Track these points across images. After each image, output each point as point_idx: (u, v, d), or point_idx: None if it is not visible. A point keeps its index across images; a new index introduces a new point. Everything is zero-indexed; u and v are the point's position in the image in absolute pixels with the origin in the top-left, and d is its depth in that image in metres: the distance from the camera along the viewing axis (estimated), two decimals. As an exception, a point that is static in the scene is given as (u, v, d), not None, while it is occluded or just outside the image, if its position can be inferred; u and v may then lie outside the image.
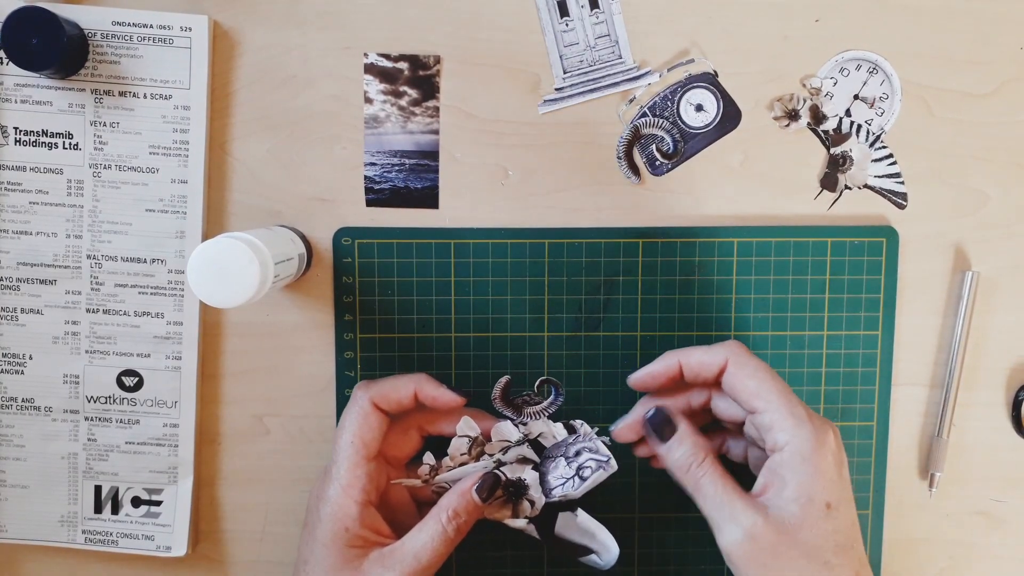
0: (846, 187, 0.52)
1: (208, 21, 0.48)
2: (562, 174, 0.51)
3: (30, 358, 0.50)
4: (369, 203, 0.51)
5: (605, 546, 0.47)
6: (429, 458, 0.46)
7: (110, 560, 0.52)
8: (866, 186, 0.52)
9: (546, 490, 0.45)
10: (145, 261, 0.49)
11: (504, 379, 0.47)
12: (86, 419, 0.50)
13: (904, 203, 0.52)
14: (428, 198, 0.51)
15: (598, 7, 0.50)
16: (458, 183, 0.51)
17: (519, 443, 0.46)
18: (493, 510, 0.45)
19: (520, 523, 0.45)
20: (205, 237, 0.50)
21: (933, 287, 0.53)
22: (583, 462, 0.44)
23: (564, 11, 0.50)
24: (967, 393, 0.53)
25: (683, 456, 0.43)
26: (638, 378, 0.47)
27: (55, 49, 0.45)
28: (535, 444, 0.46)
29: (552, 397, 0.47)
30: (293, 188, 0.50)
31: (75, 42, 0.46)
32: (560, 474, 0.45)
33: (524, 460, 0.46)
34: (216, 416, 0.51)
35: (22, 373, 0.50)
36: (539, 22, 0.50)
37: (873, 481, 0.53)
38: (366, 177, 0.51)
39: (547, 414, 0.47)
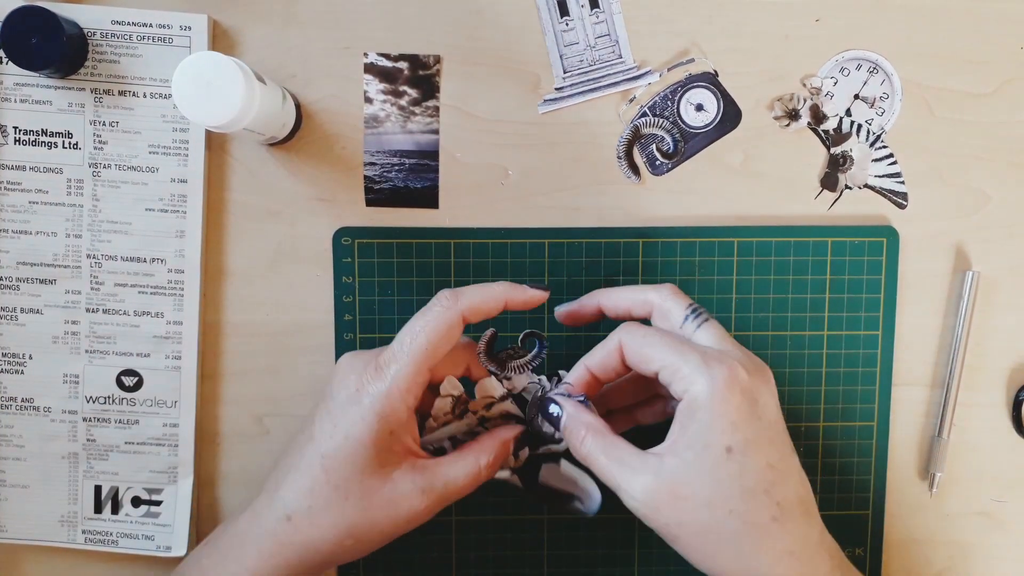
0: (846, 187, 0.52)
1: (208, 20, 0.48)
2: (562, 174, 0.51)
3: (30, 358, 0.50)
4: (369, 203, 0.51)
5: (588, 493, 0.46)
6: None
7: (110, 560, 0.52)
8: (866, 186, 0.52)
9: (533, 444, 0.45)
10: (145, 261, 0.49)
11: (489, 331, 0.45)
12: (85, 419, 0.50)
13: (904, 203, 0.52)
14: (428, 198, 0.51)
15: (598, 7, 0.50)
16: (458, 183, 0.51)
17: (502, 399, 0.45)
18: None
19: (504, 474, 0.45)
20: (205, 237, 0.50)
21: (933, 287, 0.53)
22: (550, 410, 0.44)
23: (564, 11, 0.50)
24: (967, 393, 0.53)
25: (569, 438, 0.42)
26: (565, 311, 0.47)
27: (55, 48, 0.45)
28: (519, 399, 0.46)
29: (536, 350, 0.46)
30: (293, 188, 0.50)
31: (75, 41, 0.46)
32: (545, 428, 0.45)
33: (507, 416, 0.46)
34: (216, 416, 0.51)
35: (22, 373, 0.50)
36: (539, 22, 0.50)
37: (873, 481, 0.53)
38: (366, 177, 0.50)
39: (531, 367, 0.45)
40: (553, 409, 0.43)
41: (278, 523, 0.40)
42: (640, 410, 0.48)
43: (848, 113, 0.51)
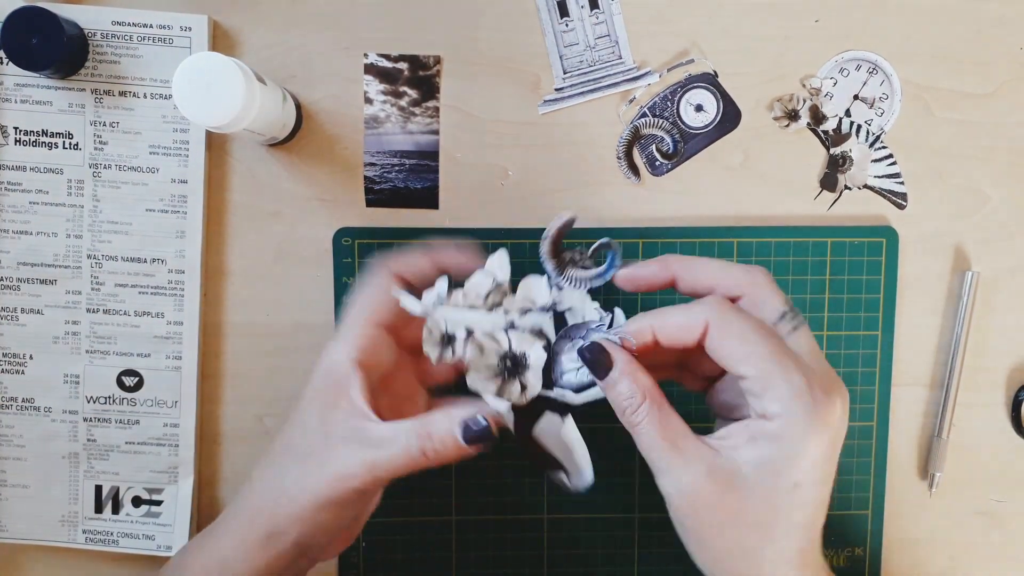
0: (846, 187, 0.52)
1: (208, 21, 0.48)
2: (562, 174, 0.51)
3: (30, 358, 0.50)
4: (369, 203, 0.51)
5: (579, 468, 0.41)
6: (442, 284, 0.40)
7: (111, 560, 0.52)
8: (866, 186, 0.52)
9: (554, 375, 0.39)
10: (145, 261, 0.49)
11: (567, 215, 0.38)
12: (86, 419, 0.50)
13: (904, 203, 0.52)
14: (428, 198, 0.51)
15: (598, 7, 0.50)
16: (458, 183, 0.51)
17: (543, 310, 0.39)
18: (478, 379, 0.39)
19: (502, 405, 0.39)
20: (205, 237, 0.50)
21: (933, 287, 0.53)
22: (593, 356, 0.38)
23: (564, 11, 0.50)
24: (967, 393, 0.53)
25: (618, 398, 0.37)
26: (623, 276, 0.40)
27: (55, 49, 0.45)
28: (558, 319, 0.40)
29: (604, 267, 0.39)
30: (293, 188, 0.50)
31: (75, 42, 0.46)
32: (574, 356, 0.39)
33: (539, 333, 0.40)
34: (216, 416, 0.51)
35: (22, 373, 0.50)
36: (539, 22, 0.50)
37: (873, 481, 0.53)
38: (366, 177, 0.51)
39: (590, 285, 0.39)
40: (596, 355, 0.37)
41: (243, 487, 0.40)
42: (683, 373, 0.43)
43: (848, 113, 0.51)
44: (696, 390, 0.43)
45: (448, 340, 0.39)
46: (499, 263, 0.40)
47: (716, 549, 0.37)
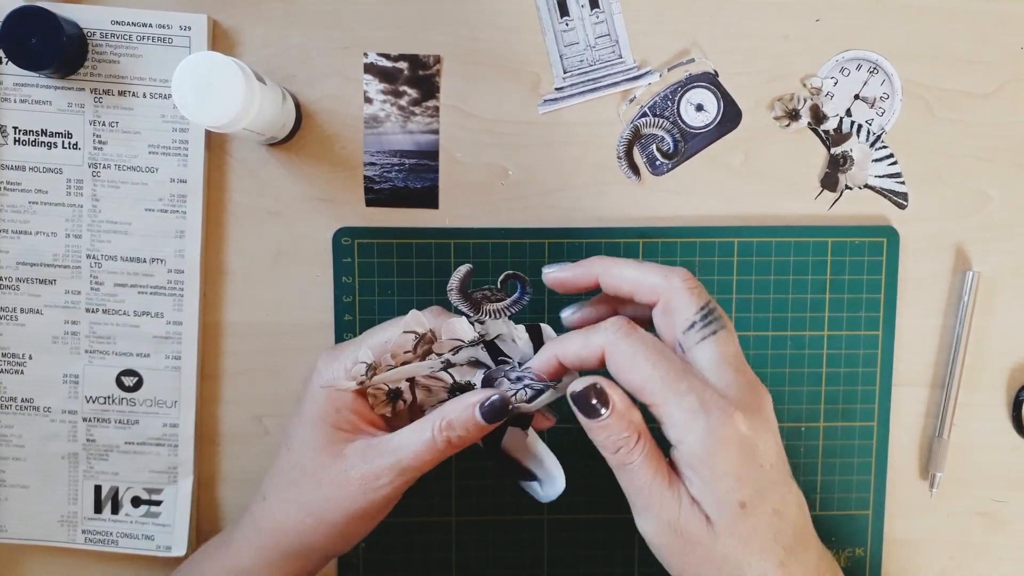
0: (847, 187, 0.52)
1: (207, 20, 0.48)
2: (562, 174, 0.51)
3: (30, 358, 0.50)
4: (369, 203, 0.51)
5: (551, 476, 0.42)
6: (365, 355, 0.40)
7: (110, 560, 0.52)
8: (867, 186, 0.52)
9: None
10: (144, 261, 0.49)
11: (465, 267, 0.40)
12: (85, 419, 0.50)
13: (905, 203, 0.52)
14: (428, 198, 0.51)
15: (598, 7, 0.50)
16: (458, 183, 0.51)
17: (473, 344, 0.40)
18: (435, 405, 0.41)
19: None
20: (205, 237, 0.50)
21: (934, 287, 0.52)
22: (527, 383, 0.39)
23: (564, 11, 0.50)
24: (968, 393, 0.53)
25: (610, 440, 0.37)
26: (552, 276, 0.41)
27: (54, 48, 0.45)
28: (491, 347, 0.41)
29: (517, 295, 0.40)
30: (293, 188, 0.50)
31: (74, 41, 0.46)
32: (507, 386, 0.40)
33: (476, 363, 0.41)
34: (216, 416, 0.51)
35: (22, 373, 0.50)
36: (539, 22, 0.50)
37: (874, 481, 0.53)
38: (366, 177, 0.50)
39: (508, 313, 0.40)
40: (595, 398, 0.37)
41: (256, 505, 0.42)
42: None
43: (848, 113, 0.51)
44: None
45: (395, 395, 0.41)
46: (415, 319, 0.40)
47: None
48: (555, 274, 0.41)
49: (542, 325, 0.41)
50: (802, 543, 0.38)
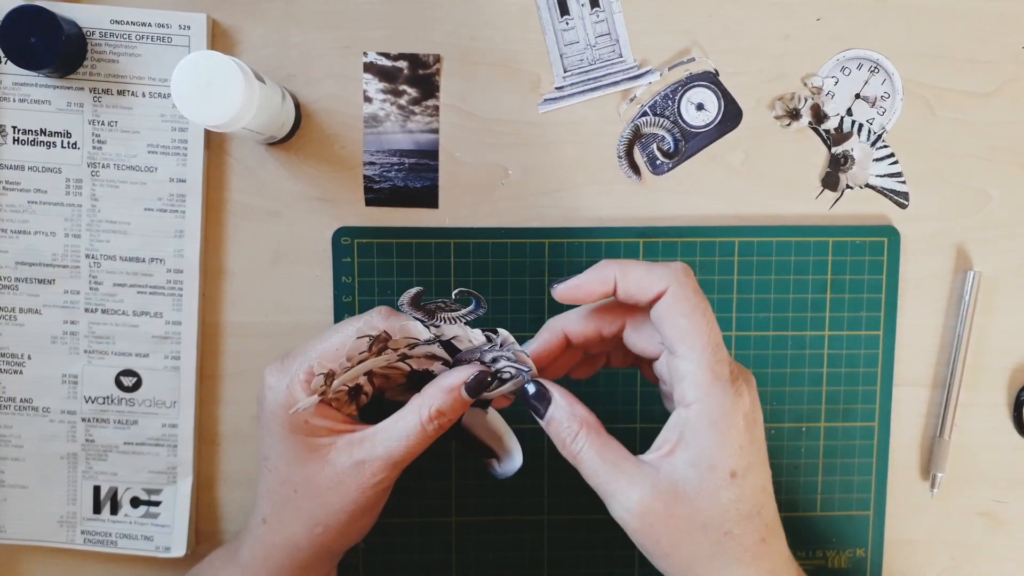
0: (847, 186, 0.52)
1: (207, 19, 0.48)
2: (562, 174, 0.51)
3: (29, 358, 0.49)
4: (369, 203, 0.51)
5: (509, 452, 0.43)
6: (320, 366, 0.39)
7: (109, 561, 0.52)
8: (868, 185, 0.52)
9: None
10: (144, 260, 0.49)
11: (415, 289, 0.40)
12: (84, 419, 0.50)
13: (906, 203, 0.52)
14: (428, 198, 0.51)
15: (598, 6, 0.50)
16: (458, 183, 0.51)
17: (428, 343, 0.40)
18: (396, 393, 0.42)
19: None
20: (204, 237, 0.50)
21: (935, 287, 0.52)
22: (500, 367, 0.40)
23: (564, 10, 0.50)
24: (968, 393, 0.53)
25: (556, 431, 0.39)
26: (565, 289, 0.39)
27: (53, 48, 0.45)
28: (448, 346, 0.41)
29: (472, 307, 0.41)
30: (293, 188, 0.50)
31: (73, 41, 0.46)
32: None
33: (433, 358, 0.41)
34: (215, 416, 0.51)
35: (20, 373, 0.50)
36: (539, 21, 0.50)
37: (874, 482, 0.52)
38: (366, 177, 0.50)
39: (463, 321, 0.41)
40: (537, 394, 0.39)
41: (258, 528, 0.42)
42: (613, 354, 0.44)
43: (849, 112, 0.51)
44: (626, 367, 0.44)
45: (355, 392, 0.41)
46: (366, 324, 0.40)
47: (679, 560, 0.37)
48: (567, 285, 0.39)
49: (499, 329, 0.41)
50: (780, 532, 0.39)
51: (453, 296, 0.41)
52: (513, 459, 0.43)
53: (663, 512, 0.37)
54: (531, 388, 0.40)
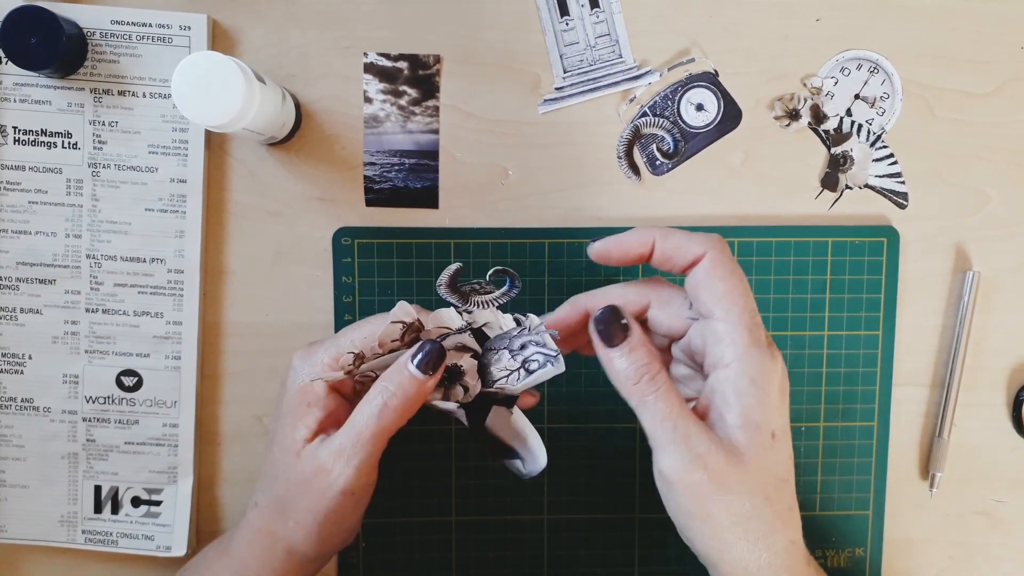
0: (847, 187, 0.52)
1: (207, 20, 0.48)
2: (562, 174, 0.51)
3: (29, 358, 0.50)
4: (369, 203, 0.51)
5: (533, 453, 0.43)
6: (352, 346, 0.41)
7: (110, 560, 0.52)
8: (867, 186, 0.52)
9: (487, 381, 0.41)
10: (144, 261, 0.49)
11: (455, 266, 0.40)
12: (85, 419, 0.50)
13: (905, 203, 0.52)
14: (428, 198, 0.51)
15: (598, 6, 0.50)
16: (458, 183, 0.51)
17: (460, 331, 0.41)
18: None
19: (451, 406, 0.41)
20: (205, 237, 0.50)
21: (934, 287, 0.52)
22: (529, 355, 0.40)
23: (564, 10, 0.50)
24: (968, 393, 0.53)
25: (633, 367, 0.37)
26: (604, 244, 0.39)
27: (54, 48, 0.45)
28: (478, 334, 0.41)
29: (506, 287, 0.41)
30: (293, 188, 0.50)
31: (74, 41, 0.46)
32: (504, 366, 0.40)
33: (464, 348, 0.41)
34: (216, 416, 0.51)
35: (21, 373, 0.50)
36: (539, 21, 0.50)
37: (874, 481, 0.53)
38: (366, 177, 0.50)
39: (497, 304, 0.41)
40: (611, 316, 0.37)
41: (251, 510, 0.42)
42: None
43: (848, 113, 0.51)
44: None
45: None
46: (402, 310, 0.41)
47: (716, 524, 0.37)
48: (605, 242, 0.39)
49: (529, 314, 0.41)
50: (795, 499, 0.39)
51: (488, 277, 0.41)
52: (537, 460, 0.42)
53: (719, 473, 0.36)
54: (603, 312, 0.38)
